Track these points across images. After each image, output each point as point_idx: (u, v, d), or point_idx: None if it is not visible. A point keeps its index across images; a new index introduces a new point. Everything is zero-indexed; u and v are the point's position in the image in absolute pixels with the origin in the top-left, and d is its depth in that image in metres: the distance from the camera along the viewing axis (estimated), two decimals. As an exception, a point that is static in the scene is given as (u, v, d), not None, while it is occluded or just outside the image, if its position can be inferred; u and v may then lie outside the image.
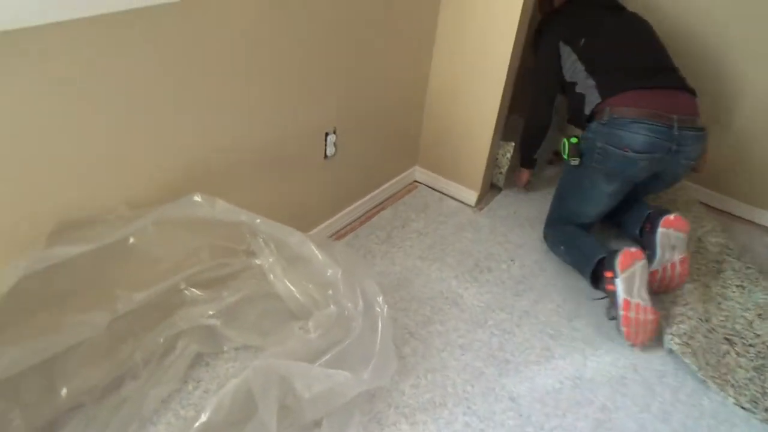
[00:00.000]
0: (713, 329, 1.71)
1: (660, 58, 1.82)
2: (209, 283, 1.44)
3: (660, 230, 1.77)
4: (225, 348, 1.46)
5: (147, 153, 1.23)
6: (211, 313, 1.40)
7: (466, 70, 1.99)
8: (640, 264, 1.61)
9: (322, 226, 1.86)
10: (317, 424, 1.28)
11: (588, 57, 1.83)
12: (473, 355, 1.55)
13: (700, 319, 1.70)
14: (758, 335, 1.72)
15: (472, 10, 1.88)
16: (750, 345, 1.68)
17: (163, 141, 1.24)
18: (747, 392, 1.52)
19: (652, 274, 1.72)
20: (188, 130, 1.28)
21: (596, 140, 1.73)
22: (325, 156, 1.74)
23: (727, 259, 1.96)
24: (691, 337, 1.63)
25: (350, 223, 2.00)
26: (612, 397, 1.48)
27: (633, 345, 1.63)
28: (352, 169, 1.90)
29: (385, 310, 1.37)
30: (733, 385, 1.53)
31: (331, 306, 1.39)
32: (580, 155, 1.79)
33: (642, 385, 1.53)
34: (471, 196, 2.19)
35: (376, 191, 2.10)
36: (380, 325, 1.35)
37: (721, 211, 2.37)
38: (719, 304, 1.81)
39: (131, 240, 1.24)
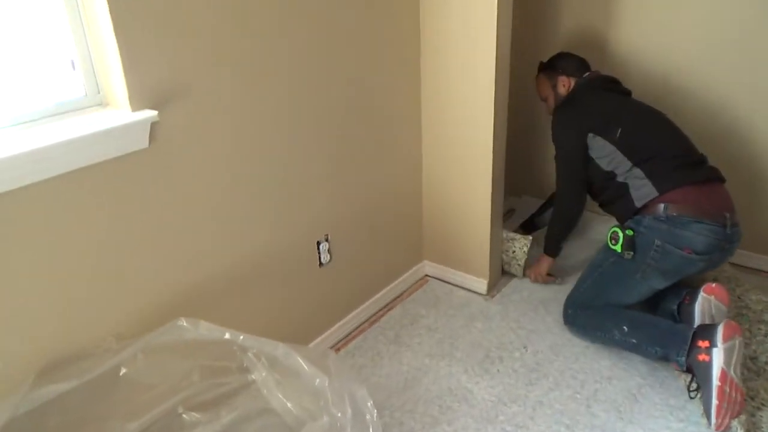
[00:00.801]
0: (763, 405, 1.55)
1: (693, 147, 1.79)
2: (207, 405, 1.46)
3: (701, 296, 1.70)
4: (229, 470, 1.45)
5: (132, 286, 1.31)
6: (209, 435, 1.41)
7: (454, 160, 2.06)
8: (740, 339, 1.51)
9: (326, 333, 1.88)
10: None
11: (629, 148, 1.77)
12: (483, 455, 1.47)
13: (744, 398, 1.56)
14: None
15: (451, 99, 1.98)
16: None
17: (148, 274, 1.33)
18: None
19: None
20: (171, 260, 1.37)
21: (653, 237, 1.67)
22: (320, 264, 1.79)
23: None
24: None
25: (359, 326, 2.01)
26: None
27: (718, 426, 1.48)
28: (353, 272, 1.94)
29: (375, 415, 1.35)
30: None
31: (324, 417, 1.38)
32: (634, 249, 1.72)
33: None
34: (481, 284, 2.17)
35: (384, 291, 2.12)
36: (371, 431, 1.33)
37: (757, 270, 2.24)
38: None
39: (122, 370, 1.29)
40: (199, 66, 1.31)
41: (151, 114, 1.20)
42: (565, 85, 2.00)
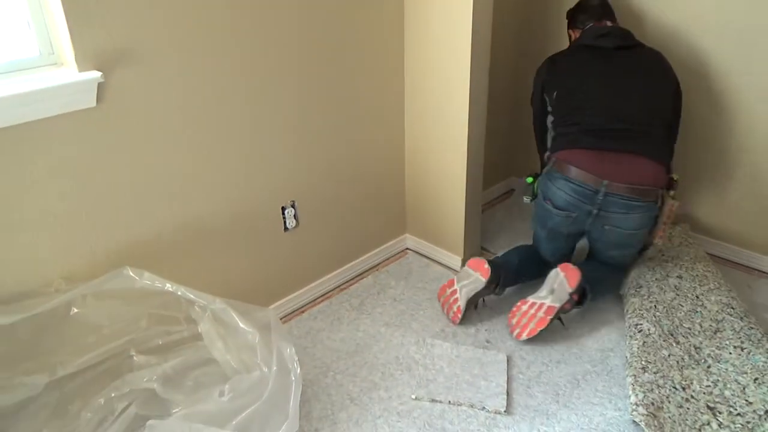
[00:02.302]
0: (692, 397, 1.53)
1: (634, 120, 1.78)
2: (156, 350, 1.57)
3: (555, 269, 1.82)
4: (172, 411, 1.57)
5: (83, 235, 1.42)
6: (152, 377, 1.52)
7: (435, 137, 2.06)
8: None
9: (290, 296, 1.96)
10: (225, 486, 1.32)
11: (556, 110, 1.91)
12: (409, 422, 1.52)
13: (675, 387, 1.54)
14: (750, 402, 1.51)
15: (430, 77, 1.98)
16: (738, 414, 1.48)
17: (98, 224, 1.44)
18: None
19: (521, 302, 1.81)
20: (122, 214, 1.47)
21: (539, 187, 1.91)
22: (285, 229, 1.86)
23: (727, 318, 1.76)
24: (659, 408, 1.48)
25: (328, 292, 2.08)
26: (551, 470, 1.38)
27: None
28: (322, 240, 2.00)
29: (298, 373, 1.42)
30: None
31: (256, 370, 1.47)
32: (533, 195, 1.96)
33: (591, 458, 1.41)
34: (456, 261, 2.18)
35: (358, 260, 2.17)
36: (293, 389, 1.40)
37: (749, 268, 2.15)
38: (709, 367, 1.62)
39: (72, 310, 1.42)
40: (151, 29, 1.37)
41: (95, 75, 1.28)
42: (571, 37, 2.06)
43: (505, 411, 1.54)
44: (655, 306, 1.80)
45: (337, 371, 1.70)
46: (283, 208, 1.83)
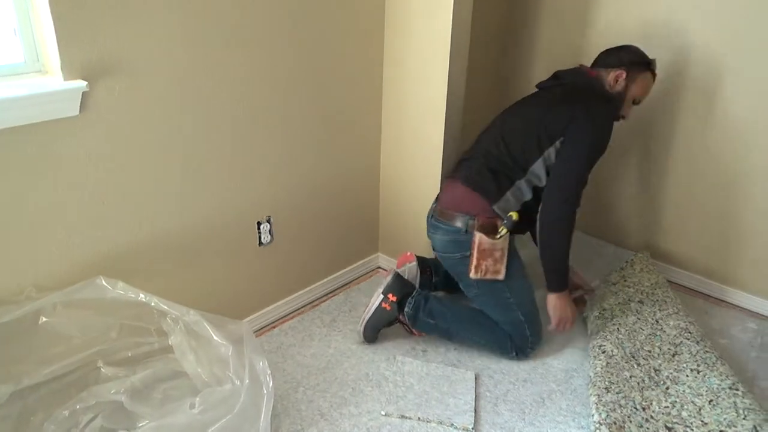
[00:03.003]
0: (652, 417, 1.59)
1: (479, 150, 1.81)
2: (124, 362, 1.55)
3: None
4: (139, 424, 1.55)
5: (57, 243, 1.41)
6: (120, 389, 1.50)
7: (409, 158, 2.12)
8: (410, 264, 1.99)
9: (262, 311, 1.96)
10: (193, 500, 1.31)
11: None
12: (379, 438, 1.54)
13: (635, 408, 1.60)
14: (705, 423, 1.58)
15: (406, 98, 2.05)
16: (694, 435, 1.55)
17: (73, 232, 1.43)
18: None
19: None
20: (97, 222, 1.46)
21: None
22: (260, 243, 1.87)
23: (684, 342, 1.84)
24: (620, 427, 1.53)
25: (300, 308, 2.09)
26: (516, 486, 1.41)
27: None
28: (296, 256, 2.02)
29: (271, 386, 1.43)
30: None
31: (228, 383, 1.47)
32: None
33: (555, 475, 1.44)
34: (427, 281, 2.22)
35: (330, 277, 2.19)
36: (264, 402, 1.41)
37: (706, 295, 2.25)
38: (667, 389, 1.69)
39: (41, 319, 1.40)
40: (137, 42, 1.39)
41: (80, 84, 1.30)
42: None
43: (472, 428, 1.57)
44: (617, 329, 1.87)
45: (307, 387, 1.71)
46: (259, 223, 1.85)
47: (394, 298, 1.85)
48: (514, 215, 1.70)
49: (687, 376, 1.73)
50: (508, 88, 2.68)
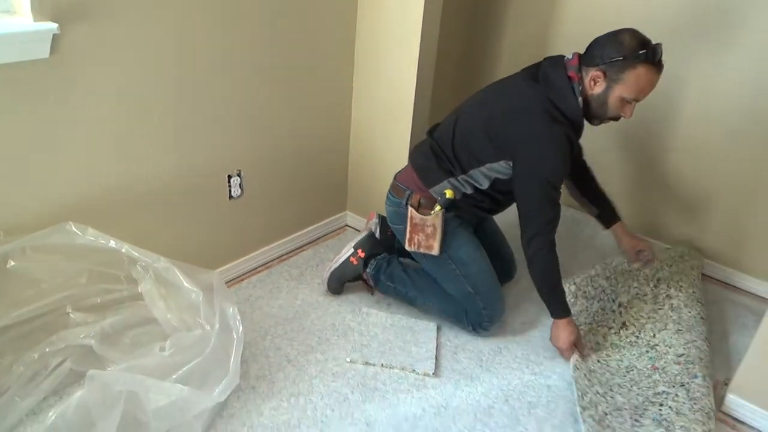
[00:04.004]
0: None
1: (439, 129, 1.82)
2: (94, 308, 1.57)
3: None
4: (108, 368, 1.58)
5: (27, 187, 1.41)
6: (89, 334, 1.52)
7: (379, 119, 2.15)
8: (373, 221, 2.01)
9: (232, 264, 1.99)
10: (164, 437, 1.36)
11: None
12: (344, 382, 1.61)
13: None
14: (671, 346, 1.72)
15: (382, 56, 2.06)
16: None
17: (43, 177, 1.43)
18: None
19: None
20: (68, 168, 1.46)
21: None
22: (230, 197, 1.89)
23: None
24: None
25: (268, 262, 2.13)
26: (472, 425, 1.51)
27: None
28: (266, 210, 2.05)
29: (240, 331, 1.48)
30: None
31: (197, 329, 1.51)
32: None
33: (508, 416, 1.55)
34: (393, 238, 2.28)
35: (299, 233, 2.23)
36: (234, 346, 1.46)
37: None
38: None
39: (9, 262, 1.40)
40: (107, -13, 1.38)
41: (51, 26, 1.28)
42: None
43: (433, 373, 1.66)
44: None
45: (275, 335, 1.76)
46: (229, 177, 1.87)
47: (363, 255, 1.91)
48: (449, 193, 1.71)
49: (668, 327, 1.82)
50: (481, 49, 2.72)
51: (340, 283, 1.95)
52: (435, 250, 1.75)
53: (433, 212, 1.72)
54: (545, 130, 1.58)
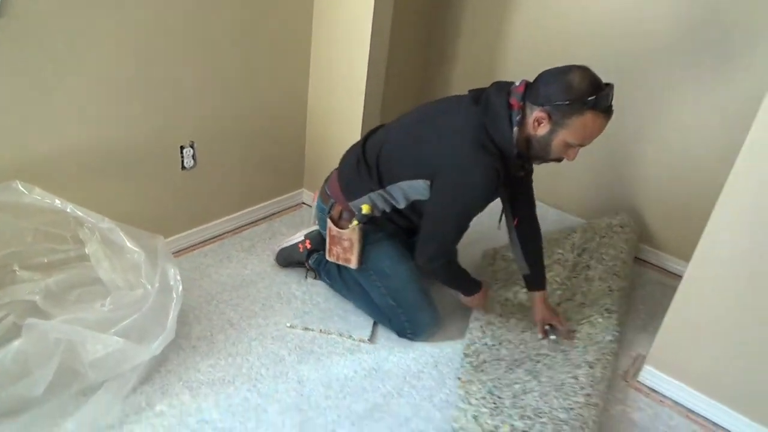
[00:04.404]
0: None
1: (372, 137, 1.77)
2: (40, 267, 1.63)
3: None
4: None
5: (-27, 144, 1.46)
6: (34, 290, 1.58)
7: (337, 100, 2.21)
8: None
9: (183, 234, 2.05)
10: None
11: None
12: (282, 345, 1.68)
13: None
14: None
15: (337, 37, 2.12)
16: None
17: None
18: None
19: None
20: (16, 126, 1.51)
21: None
22: (183, 167, 1.95)
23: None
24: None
25: (221, 234, 2.19)
26: (400, 387, 1.59)
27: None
28: (220, 183, 2.11)
29: (180, 291, 1.54)
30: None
31: (140, 288, 1.57)
32: None
33: (435, 379, 1.63)
34: (346, 216, 2.36)
35: (253, 208, 2.29)
36: (173, 305, 1.52)
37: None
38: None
39: (-47, 218, 1.45)
40: (57, -46, 1.42)
41: (-2, -13, 1.33)
42: None
43: (369, 340, 1.74)
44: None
45: (220, 301, 1.83)
46: (182, 147, 1.92)
47: (309, 246, 1.97)
48: (365, 208, 1.67)
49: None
50: (435, 26, 2.79)
51: (286, 261, 2.02)
52: (353, 264, 1.73)
53: (350, 226, 1.69)
54: (471, 160, 1.47)
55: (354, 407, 1.50)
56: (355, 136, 2.16)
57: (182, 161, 1.94)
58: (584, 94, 1.36)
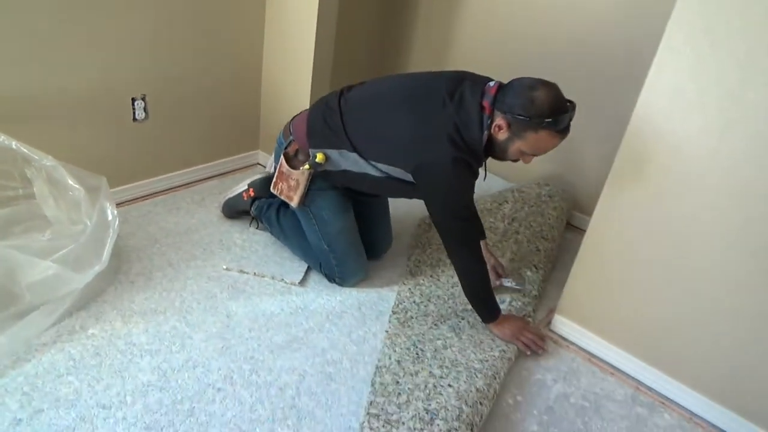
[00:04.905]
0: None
1: (344, 99, 1.76)
2: (-12, 203, 1.74)
3: None
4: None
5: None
6: (-20, 225, 1.69)
7: (291, 62, 2.32)
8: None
9: (134, 184, 2.15)
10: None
11: None
12: (216, 284, 1.80)
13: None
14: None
15: (287, 7, 2.22)
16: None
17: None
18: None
19: None
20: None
21: None
22: (134, 119, 2.05)
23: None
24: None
25: (175, 187, 2.30)
26: (321, 324, 1.71)
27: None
28: (172, 137, 2.21)
29: (116, 225, 1.65)
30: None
31: (80, 224, 1.68)
32: None
33: (357, 318, 1.76)
34: (297, 176, 2.46)
35: (208, 164, 2.40)
36: (109, 238, 1.63)
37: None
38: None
39: None
40: None
41: (-55, -69, 1.42)
42: None
43: (299, 283, 1.86)
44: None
45: (164, 244, 1.94)
46: (133, 99, 2.02)
47: (252, 194, 2.08)
48: (319, 157, 1.71)
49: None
50: (392, 13, 2.89)
51: (232, 211, 2.13)
52: (294, 203, 1.80)
53: (302, 168, 1.75)
54: (448, 166, 1.54)
55: (275, 339, 1.62)
56: (308, 100, 2.26)
57: (134, 113, 2.04)
58: (543, 114, 1.45)
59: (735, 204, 1.38)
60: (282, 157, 1.81)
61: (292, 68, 2.31)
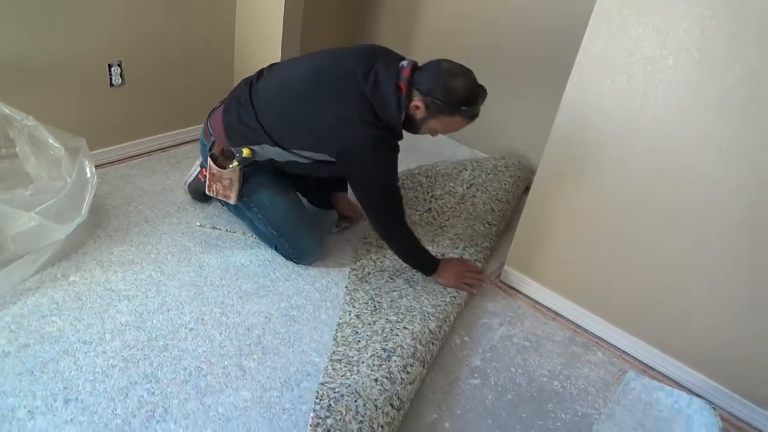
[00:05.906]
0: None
1: (258, 89, 1.78)
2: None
3: None
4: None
5: None
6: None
7: (261, 24, 2.42)
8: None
9: (112, 147, 2.26)
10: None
11: None
12: (190, 239, 1.93)
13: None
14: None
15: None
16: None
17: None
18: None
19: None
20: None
21: None
22: (111, 84, 2.15)
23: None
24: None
25: (151, 152, 2.40)
26: (288, 274, 1.85)
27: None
28: (150, 103, 2.31)
29: (95, 181, 1.77)
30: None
31: (60, 181, 1.79)
32: None
33: (321, 271, 1.90)
34: (269, 142, 2.58)
35: (183, 130, 2.51)
36: (88, 193, 1.75)
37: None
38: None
39: None
40: None
41: None
42: None
43: (268, 239, 1.99)
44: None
45: (140, 203, 2.06)
46: (110, 65, 2.12)
47: (206, 174, 2.08)
48: (245, 151, 1.74)
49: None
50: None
51: (197, 193, 2.09)
52: (232, 200, 1.85)
53: (230, 167, 1.78)
54: (368, 146, 1.60)
55: (244, 287, 1.76)
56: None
57: (110, 78, 2.14)
58: (459, 102, 1.58)
59: (655, 156, 1.54)
60: (209, 159, 1.81)
61: (263, 32, 2.41)
